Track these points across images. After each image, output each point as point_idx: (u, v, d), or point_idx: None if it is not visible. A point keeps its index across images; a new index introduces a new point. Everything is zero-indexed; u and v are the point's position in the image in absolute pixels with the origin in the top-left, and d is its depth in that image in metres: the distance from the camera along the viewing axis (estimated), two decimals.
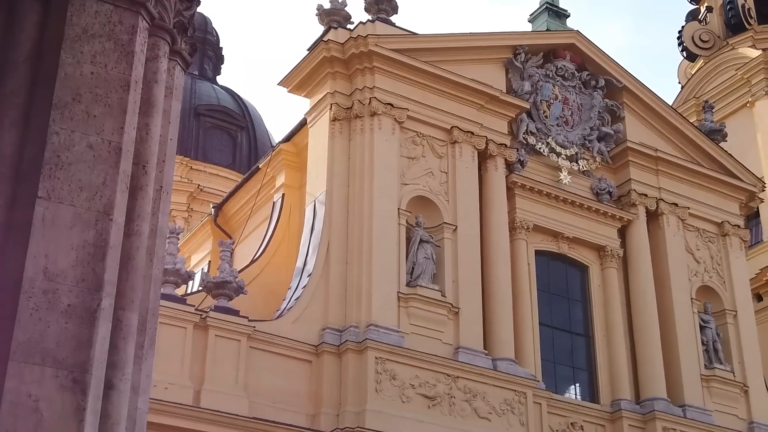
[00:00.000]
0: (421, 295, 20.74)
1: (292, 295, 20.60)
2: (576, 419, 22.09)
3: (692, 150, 26.39)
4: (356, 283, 20.38)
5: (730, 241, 25.93)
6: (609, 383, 23.01)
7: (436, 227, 21.79)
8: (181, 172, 37.87)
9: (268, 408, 18.76)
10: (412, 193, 21.82)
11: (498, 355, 21.13)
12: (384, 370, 19.51)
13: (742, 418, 23.97)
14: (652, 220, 25.16)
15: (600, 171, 25.02)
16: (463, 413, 20.09)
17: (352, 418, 18.88)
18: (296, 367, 19.55)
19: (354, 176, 21.49)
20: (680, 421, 22.67)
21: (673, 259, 24.76)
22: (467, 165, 22.64)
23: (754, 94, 33.73)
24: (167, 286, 18.76)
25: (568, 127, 24.92)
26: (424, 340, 20.44)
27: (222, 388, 18.41)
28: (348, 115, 22.00)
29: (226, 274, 19.50)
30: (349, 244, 20.86)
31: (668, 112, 26.58)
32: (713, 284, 25.26)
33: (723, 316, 25.01)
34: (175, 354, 18.16)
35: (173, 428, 17.45)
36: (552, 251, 23.84)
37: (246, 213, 25.01)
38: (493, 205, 22.75)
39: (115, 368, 5.33)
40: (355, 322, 19.96)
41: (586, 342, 23.60)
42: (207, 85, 42.69)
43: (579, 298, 24.07)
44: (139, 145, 5.65)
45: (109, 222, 5.27)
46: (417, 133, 22.41)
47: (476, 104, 23.16)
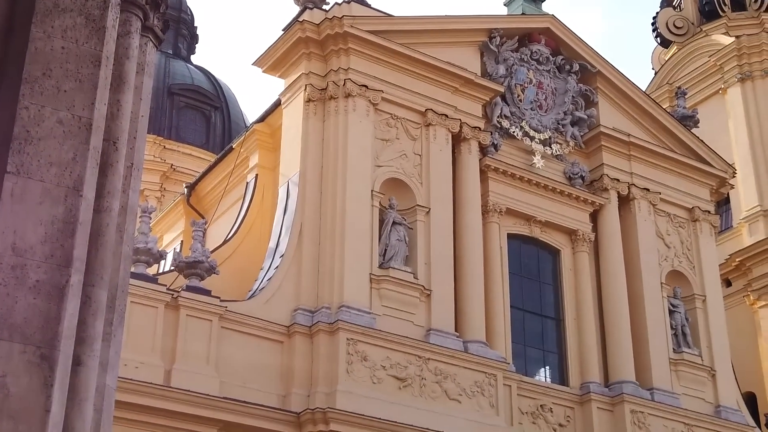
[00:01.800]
0: (393, 277, 20.78)
1: (264, 276, 20.58)
2: (545, 401, 22.26)
3: (664, 136, 26.56)
4: (329, 265, 20.39)
5: (700, 226, 26.14)
6: (578, 366, 23.20)
7: (409, 209, 21.82)
8: (155, 151, 37.68)
9: (239, 388, 18.76)
10: (386, 175, 21.83)
11: (469, 338, 21.23)
12: (355, 351, 19.56)
13: (709, 402, 24.25)
14: (624, 205, 25.32)
15: (573, 155, 25.13)
16: (434, 395, 20.19)
17: (323, 398, 18.92)
18: (268, 347, 19.56)
19: (328, 157, 21.47)
20: (648, 404, 22.90)
21: (644, 243, 24.95)
22: (441, 148, 22.67)
23: (726, 81, 33.95)
24: (139, 265, 18.70)
25: (542, 111, 24.99)
26: (395, 322, 20.50)
27: (193, 367, 18.40)
28: (322, 96, 21.96)
29: (198, 254, 19.45)
30: (322, 226, 20.86)
31: (641, 97, 26.72)
32: (683, 269, 25.47)
33: (692, 301, 25.24)
34: (146, 333, 18.12)
35: (143, 407, 17.42)
36: (524, 235, 23.96)
37: (219, 193, 24.94)
38: (466, 188, 22.80)
39: (84, 345, 5.32)
40: (327, 304, 19.98)
41: (556, 325, 23.77)
42: (181, 64, 42.43)
43: (550, 282, 24.22)
44: (109, 122, 5.62)
45: (78, 198, 5.25)
46: (391, 115, 22.40)
47: (451, 87, 23.18)
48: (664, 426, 22.93)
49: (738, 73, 33.60)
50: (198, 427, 17.97)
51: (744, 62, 33.58)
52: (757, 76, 33.28)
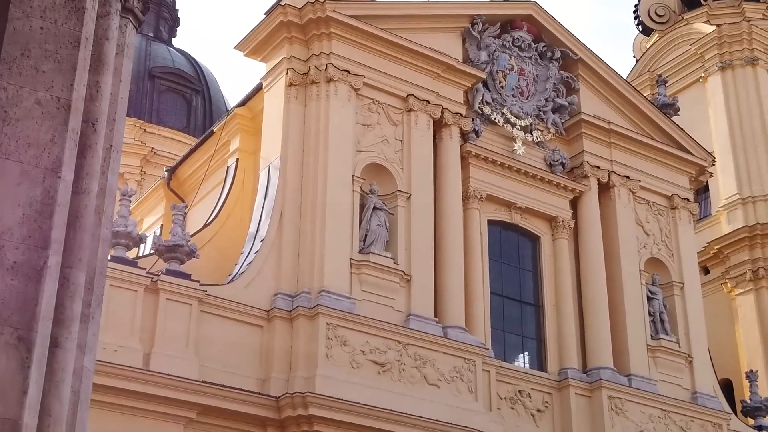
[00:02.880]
0: (373, 262, 20.81)
1: (244, 260, 20.56)
2: (524, 387, 22.37)
3: (645, 123, 26.67)
4: (309, 249, 20.39)
5: (679, 214, 26.28)
6: (557, 352, 23.32)
7: (390, 195, 21.84)
8: (135, 134, 37.52)
9: (218, 372, 18.75)
10: (367, 160, 21.82)
11: (448, 323, 21.29)
12: (335, 336, 19.58)
13: (686, 388, 24.43)
14: (604, 192, 25.42)
15: (554, 142, 25.20)
16: (413, 380, 20.25)
17: (302, 383, 18.94)
18: (247, 331, 19.56)
19: (309, 142, 21.44)
20: (626, 390, 23.06)
21: (623, 231, 25.07)
22: (422, 133, 22.68)
23: (707, 69, 34.10)
24: (118, 248, 18.64)
25: (524, 98, 25.03)
26: (375, 307, 20.54)
27: (172, 351, 18.37)
28: (304, 80, 21.91)
29: (178, 238, 19.39)
30: (303, 210, 20.85)
31: (622, 85, 26.80)
32: (662, 256, 25.62)
33: (670, 288, 25.39)
34: (125, 317, 18.07)
35: (122, 391, 17.39)
36: (504, 221, 24.02)
37: (199, 177, 24.86)
38: (447, 174, 22.83)
39: (62, 326, 5.32)
40: (307, 288, 19.99)
41: (535, 311, 23.87)
42: (162, 47, 42.22)
43: (530, 268, 24.30)
44: (88, 103, 5.60)
45: (56, 179, 5.23)
46: (373, 100, 22.38)
47: (433, 73, 23.17)
48: (641, 412, 23.10)
49: (718, 61, 33.76)
50: (177, 411, 17.96)
51: (725, 51, 33.73)
52: (737, 65, 33.45)
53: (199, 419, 18.21)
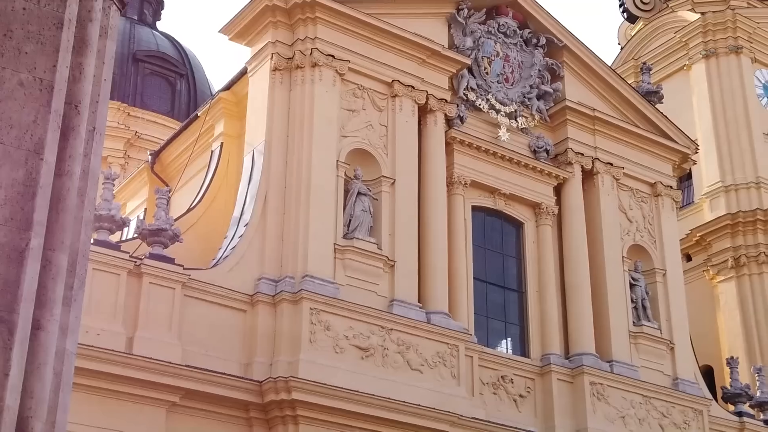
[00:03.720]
0: (357, 247, 20.83)
1: (228, 245, 20.54)
2: (506, 372, 22.47)
3: (629, 111, 26.73)
4: (293, 234, 20.38)
5: (662, 201, 26.40)
6: (540, 338, 23.42)
7: (375, 180, 21.84)
8: (119, 118, 37.38)
9: (201, 356, 18.75)
10: (352, 145, 21.81)
11: (432, 309, 21.35)
12: (318, 321, 19.61)
13: (667, 375, 24.60)
14: (588, 179, 25.50)
15: (538, 129, 25.24)
16: (396, 365, 20.30)
17: (285, 367, 18.97)
18: (231, 316, 19.56)
19: (293, 127, 21.41)
20: (607, 376, 23.19)
21: (607, 217, 25.16)
22: (407, 119, 22.68)
23: (691, 57, 34.20)
24: (101, 232, 18.59)
25: (509, 84, 25.05)
26: (359, 292, 20.57)
27: (155, 335, 18.35)
28: (289, 65, 21.86)
29: (161, 222, 19.35)
30: (287, 195, 20.83)
31: (607, 72, 26.84)
32: (644, 243, 25.74)
33: (652, 275, 25.52)
34: (108, 300, 18.04)
35: (105, 374, 17.37)
36: (488, 207, 24.07)
37: (183, 161, 24.80)
38: (431, 160, 22.85)
39: (44, 308, 5.30)
40: (291, 273, 19.99)
41: (518, 297, 23.95)
42: (146, 30, 42.01)
43: (513, 254, 24.38)
44: (71, 85, 5.57)
45: (39, 161, 5.21)
46: (358, 85, 22.35)
47: (418, 58, 23.15)
48: (623, 398, 23.25)
49: (703, 49, 33.86)
50: (160, 395, 17.95)
51: (709, 39, 33.83)
52: (721, 53, 33.56)
53: (182, 403, 18.22)
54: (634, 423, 23.20)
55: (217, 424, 18.63)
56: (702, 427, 24.27)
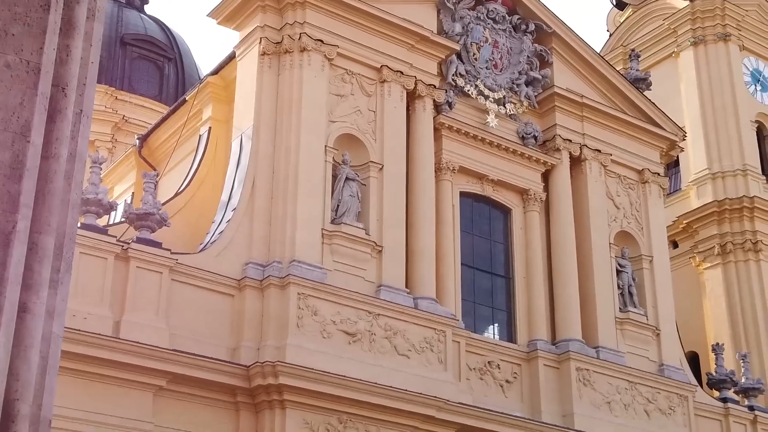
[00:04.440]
0: (345, 232, 20.83)
1: (216, 229, 20.52)
2: (493, 358, 22.54)
3: (617, 97, 26.77)
4: (281, 219, 20.37)
5: (649, 188, 26.47)
6: (526, 324, 23.49)
7: (363, 165, 21.83)
8: (106, 101, 37.21)
9: (188, 341, 18.75)
10: (340, 130, 21.78)
11: (419, 294, 21.39)
12: (306, 305, 19.62)
13: (653, 360, 24.72)
14: (575, 166, 25.55)
15: (526, 115, 25.25)
16: (383, 350, 20.34)
17: (272, 352, 18.99)
18: (218, 300, 19.56)
19: (282, 112, 21.36)
20: (593, 362, 23.29)
21: (594, 204, 25.23)
22: (395, 104, 22.66)
23: (679, 44, 34.21)
24: (89, 215, 18.55)
25: (497, 70, 25.04)
26: (346, 278, 20.59)
27: (142, 319, 18.34)
28: (277, 49, 21.79)
29: (149, 206, 19.31)
30: (275, 180, 20.81)
31: (595, 59, 26.86)
32: (631, 230, 25.82)
33: (639, 261, 25.62)
34: (95, 284, 18.01)
35: (92, 358, 17.36)
36: (476, 193, 24.10)
37: (171, 145, 24.74)
38: (419, 146, 22.85)
39: (30, 291, 5.28)
40: (279, 258, 19.99)
41: (506, 283, 24.01)
42: (134, 14, 41.78)
43: (501, 240, 24.42)
44: (59, 67, 5.54)
45: (26, 144, 5.18)
46: (346, 70, 22.31)
47: (407, 44, 23.11)
48: (609, 383, 23.36)
49: (691, 37, 33.88)
50: (146, 379, 17.95)
51: (697, 26, 33.84)
52: (709, 41, 33.59)
53: (169, 387, 18.22)
54: (619, 408, 23.32)
55: (204, 409, 18.65)
56: (687, 412, 24.42)
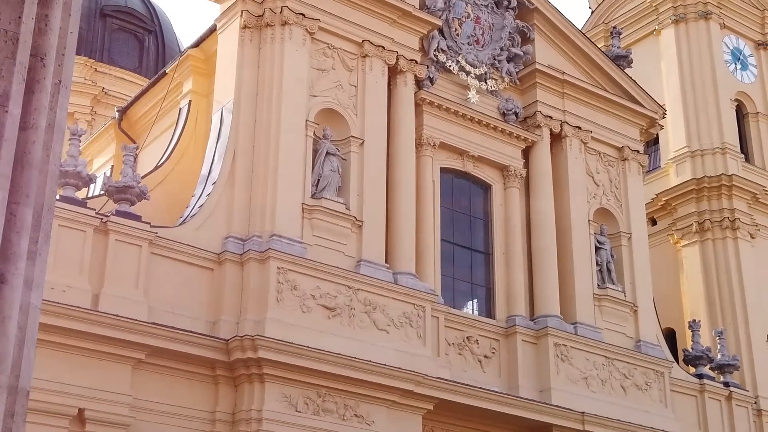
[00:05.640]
0: (325, 207, 20.83)
1: (195, 203, 20.47)
2: (472, 333, 22.66)
3: (598, 75, 26.82)
4: (261, 193, 20.34)
5: (629, 165, 26.59)
6: (505, 300, 23.62)
7: (344, 140, 21.81)
8: (85, 73, 36.94)
9: (167, 314, 18.74)
10: (321, 105, 21.74)
11: (399, 269, 21.44)
12: (285, 280, 19.63)
13: (630, 337, 24.92)
14: (556, 142, 25.61)
15: (508, 91, 25.28)
16: (362, 324, 20.40)
17: (251, 326, 19.01)
18: (198, 274, 19.54)
19: (263, 85, 21.28)
20: (571, 338, 23.46)
21: (574, 181, 25.32)
22: (377, 79, 22.61)
23: (661, 22, 34.26)
24: (68, 188, 18.45)
25: (479, 46, 25.03)
26: (326, 252, 20.61)
27: (121, 292, 18.30)
28: (259, 23, 21.68)
29: (128, 179, 19.23)
30: (255, 154, 20.76)
31: (577, 35, 26.88)
32: (610, 207, 25.95)
33: (618, 238, 25.77)
34: (74, 257, 17.94)
35: (70, 331, 17.32)
36: (457, 169, 24.14)
37: (151, 118, 24.62)
38: (400, 121, 22.83)
39: (8, 263, 5.27)
40: (259, 232, 19.98)
41: (485, 259, 24.10)
42: None
43: (481, 216, 24.49)
44: (37, 37, 5.50)
45: (4, 113, 5.16)
46: (328, 45, 22.23)
47: (388, 19, 23.05)
48: (586, 359, 23.54)
49: (672, 14, 33.93)
50: (125, 352, 17.93)
51: (679, 4, 33.88)
52: (690, 18, 33.65)
53: (148, 360, 18.22)
54: (596, 384, 23.53)
55: (183, 382, 18.67)
56: (663, 388, 24.66)
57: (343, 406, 19.56)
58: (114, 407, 17.56)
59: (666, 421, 24.23)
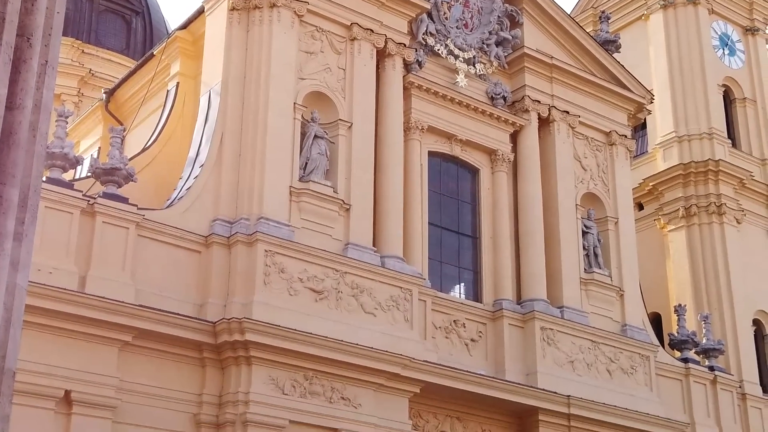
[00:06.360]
0: (313, 190, 20.81)
1: (183, 185, 20.43)
2: (459, 317, 22.72)
3: (586, 59, 26.83)
4: (248, 176, 20.31)
5: (616, 150, 26.64)
6: (492, 283, 23.67)
7: (332, 123, 21.77)
8: (72, 55, 36.75)
9: (155, 296, 18.72)
10: (309, 88, 21.69)
11: (386, 253, 21.46)
12: (273, 263, 19.62)
13: (616, 321, 25.03)
14: (544, 127, 25.64)
15: (496, 75, 25.27)
16: (350, 308, 20.42)
17: (239, 308, 19.01)
18: (185, 257, 19.52)
19: (251, 68, 21.21)
20: (558, 322, 23.55)
21: (561, 165, 25.36)
22: (365, 63, 22.57)
23: (649, 7, 34.26)
24: (54, 170, 18.38)
25: (468, 30, 25.00)
26: (314, 235, 20.60)
27: (108, 275, 18.26)
28: (247, 5, 21.59)
29: (115, 161, 19.17)
30: (243, 136, 20.71)
31: (566, 20, 26.87)
32: (598, 192, 26.02)
33: (605, 223, 25.84)
34: (61, 239, 17.88)
35: (57, 313, 17.28)
36: (445, 153, 24.14)
37: (139, 100, 24.51)
38: (389, 105, 22.81)
39: None
40: (246, 215, 19.96)
41: (472, 243, 24.15)
42: None
43: (468, 200, 24.52)
44: (23, 17, 5.47)
45: None
46: (316, 27, 22.16)
47: (377, 2, 22.98)
48: (572, 343, 23.64)
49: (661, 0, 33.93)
50: (112, 334, 17.91)
51: None
52: (679, 4, 33.65)
53: (135, 343, 18.20)
54: (582, 368, 23.64)
55: (170, 364, 18.67)
56: (648, 372, 24.79)
57: (330, 388, 19.60)
58: (101, 389, 17.55)
59: (651, 404, 24.37)
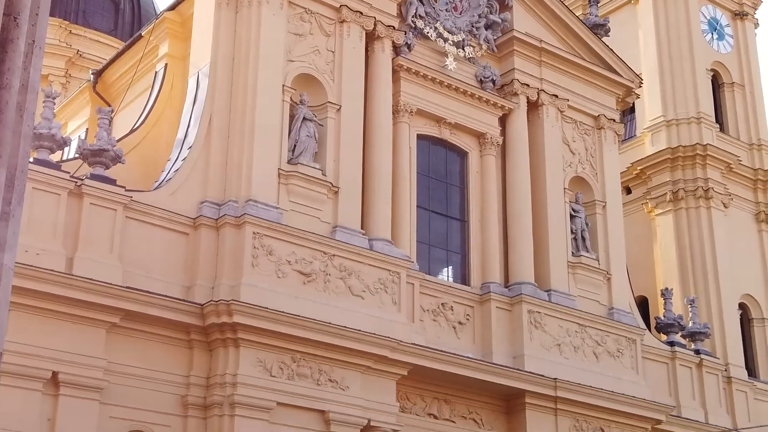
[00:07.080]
0: (301, 172, 20.80)
1: (171, 167, 20.38)
2: (446, 300, 22.78)
3: (575, 43, 26.83)
4: (237, 158, 20.28)
5: (604, 134, 26.69)
6: (480, 267, 23.73)
7: (320, 106, 21.74)
8: (60, 35, 36.57)
9: (142, 278, 18.70)
10: (298, 70, 21.63)
11: (375, 236, 21.48)
12: (261, 245, 19.62)
13: (603, 304, 25.13)
14: (532, 110, 25.65)
15: (485, 59, 25.24)
16: (338, 290, 20.45)
17: (227, 290, 19.01)
18: (173, 239, 19.49)
19: (239, 50, 21.15)
20: (545, 305, 23.63)
21: (550, 149, 25.40)
22: (354, 45, 22.52)
23: None
24: (42, 151, 18.32)
25: (457, 13, 24.95)
26: (302, 218, 20.60)
27: (96, 256, 18.23)
28: None
29: (103, 142, 19.11)
30: (232, 118, 20.67)
31: (555, 3, 26.83)
32: (586, 175, 26.07)
33: (593, 207, 25.90)
34: (48, 220, 17.84)
35: (45, 294, 17.26)
36: (433, 136, 24.14)
37: (127, 81, 24.40)
38: (378, 87, 22.78)
39: None
40: (235, 197, 19.94)
41: (461, 226, 24.18)
42: None
43: (457, 183, 24.54)
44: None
45: None
46: (305, 9, 22.10)
47: None
48: (559, 326, 23.74)
49: None
50: (100, 316, 17.90)
51: None
52: None
53: (123, 324, 18.20)
54: (569, 351, 23.74)
55: (157, 346, 18.68)
56: (634, 355, 24.92)
57: (317, 371, 19.65)
58: (88, 371, 17.55)
59: (637, 387, 24.51)
